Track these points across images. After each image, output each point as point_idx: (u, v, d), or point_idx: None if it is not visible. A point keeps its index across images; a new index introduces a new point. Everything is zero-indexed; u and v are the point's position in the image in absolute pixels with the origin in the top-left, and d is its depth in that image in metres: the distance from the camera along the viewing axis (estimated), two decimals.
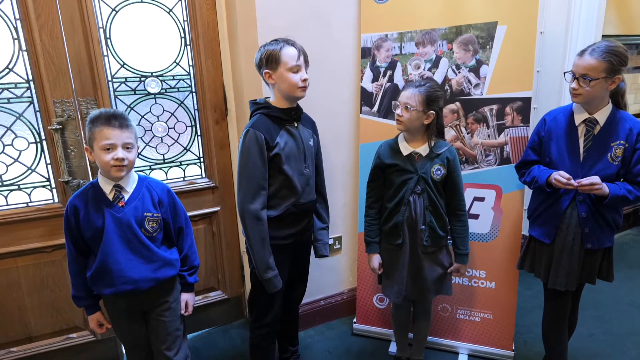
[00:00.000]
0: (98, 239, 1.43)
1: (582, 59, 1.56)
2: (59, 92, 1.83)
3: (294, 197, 1.66)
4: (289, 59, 1.58)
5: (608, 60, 1.51)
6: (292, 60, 1.58)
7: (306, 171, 1.70)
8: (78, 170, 1.91)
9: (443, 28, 2.03)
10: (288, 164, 1.63)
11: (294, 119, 1.68)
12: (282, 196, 1.66)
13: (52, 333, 2.03)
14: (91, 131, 1.40)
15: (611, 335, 2.30)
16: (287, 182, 1.64)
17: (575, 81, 1.58)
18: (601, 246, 1.69)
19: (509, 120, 2.00)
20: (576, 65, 1.58)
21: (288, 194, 1.66)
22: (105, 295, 1.49)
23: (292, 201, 1.67)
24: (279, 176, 1.64)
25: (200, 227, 2.25)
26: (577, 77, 1.57)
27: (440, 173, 1.73)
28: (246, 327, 2.45)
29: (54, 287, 1.98)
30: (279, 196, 1.66)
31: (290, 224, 1.70)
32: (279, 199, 1.66)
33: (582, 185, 1.56)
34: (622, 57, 1.52)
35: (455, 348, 2.20)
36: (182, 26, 2.05)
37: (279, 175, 1.63)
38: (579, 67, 1.57)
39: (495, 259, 2.10)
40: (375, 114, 2.17)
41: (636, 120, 1.63)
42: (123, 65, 1.97)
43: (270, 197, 1.65)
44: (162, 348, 1.57)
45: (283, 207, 1.66)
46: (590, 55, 1.54)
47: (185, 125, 2.17)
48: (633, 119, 1.63)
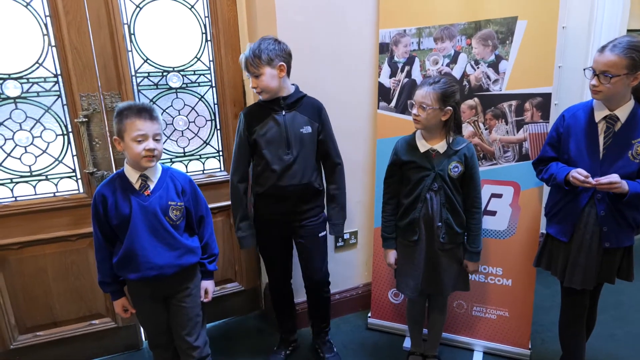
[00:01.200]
0: (125, 226, 1.49)
1: (603, 55, 1.52)
2: (85, 86, 1.90)
3: (273, 179, 1.81)
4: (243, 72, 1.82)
5: (630, 57, 1.47)
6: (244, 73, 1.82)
7: (287, 157, 1.80)
8: (102, 162, 1.98)
9: (462, 23, 2.02)
10: (267, 148, 1.80)
11: (282, 108, 1.80)
12: (266, 176, 1.83)
13: (76, 319, 2.11)
14: (122, 123, 1.45)
15: (632, 336, 2.25)
16: (266, 165, 1.81)
17: (596, 78, 1.54)
18: (620, 245, 1.65)
19: (528, 116, 1.98)
20: (596, 62, 1.54)
21: (269, 175, 1.82)
22: (131, 280, 1.55)
23: (272, 182, 1.82)
24: (261, 158, 1.83)
25: (219, 220, 2.30)
26: (598, 73, 1.53)
27: (458, 170, 1.72)
28: (262, 319, 2.49)
29: (78, 275, 2.05)
30: (263, 176, 1.84)
31: (274, 201, 1.86)
32: (263, 179, 1.84)
33: (601, 184, 1.53)
34: None
35: (471, 345, 2.19)
36: (203, 22, 2.09)
37: (261, 158, 1.82)
38: (599, 63, 1.53)
39: (512, 256, 2.08)
40: (393, 109, 2.18)
41: None
42: (146, 61, 2.02)
43: (258, 175, 1.87)
44: (183, 333, 1.62)
45: (266, 186, 1.84)
46: (611, 51, 1.50)
47: (205, 119, 2.21)
48: None
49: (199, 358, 1.65)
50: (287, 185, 1.81)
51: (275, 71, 1.72)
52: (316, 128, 1.85)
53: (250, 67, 1.71)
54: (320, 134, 1.87)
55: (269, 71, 1.70)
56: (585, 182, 1.55)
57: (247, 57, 1.71)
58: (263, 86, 1.72)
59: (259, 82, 1.72)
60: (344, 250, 2.41)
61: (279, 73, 1.73)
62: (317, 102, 1.88)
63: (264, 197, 1.86)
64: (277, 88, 1.75)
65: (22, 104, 1.85)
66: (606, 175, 1.54)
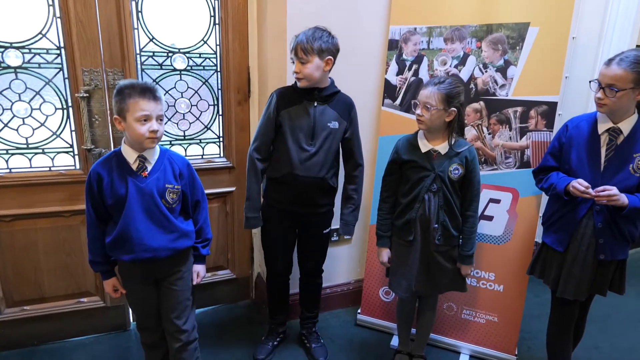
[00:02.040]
0: (120, 207, 1.46)
1: (609, 68, 1.52)
2: (88, 61, 1.87)
3: (290, 167, 1.79)
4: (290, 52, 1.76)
5: (636, 71, 1.47)
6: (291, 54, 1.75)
7: (309, 148, 1.79)
8: (101, 139, 1.95)
9: (473, 25, 2.01)
10: (291, 134, 1.78)
11: (315, 99, 1.78)
12: (283, 161, 1.81)
13: (65, 295, 2.09)
14: (124, 102, 1.41)
15: (617, 349, 2.27)
16: (286, 152, 1.79)
17: (601, 91, 1.54)
18: (614, 258, 1.66)
19: (533, 123, 1.97)
20: (602, 75, 1.54)
21: (286, 162, 1.80)
22: (123, 261, 1.53)
23: (288, 170, 1.80)
24: (283, 144, 1.80)
25: (215, 206, 2.28)
26: (603, 86, 1.53)
27: (458, 173, 1.71)
28: (251, 308, 2.49)
29: (69, 251, 2.03)
30: (281, 161, 1.82)
31: (287, 189, 1.84)
32: (280, 164, 1.82)
33: (600, 196, 1.53)
34: None
35: (458, 347, 2.20)
36: (212, 5, 2.06)
37: (283, 143, 1.80)
38: (605, 76, 1.52)
39: (505, 262, 2.08)
40: (398, 107, 2.16)
41: None
42: (152, 40, 1.99)
43: (275, 160, 1.84)
44: (172, 316, 1.61)
45: (282, 172, 1.82)
46: (618, 65, 1.50)
47: (207, 104, 2.19)
48: None
49: (186, 342, 1.64)
50: (303, 176, 1.80)
51: (322, 63, 1.71)
52: (344, 126, 1.85)
53: (300, 52, 1.69)
54: (347, 132, 1.87)
55: (316, 61, 1.70)
56: (585, 193, 1.55)
57: (300, 42, 1.69)
58: (306, 74, 1.71)
59: (303, 69, 1.70)
60: (338, 245, 2.41)
61: (324, 66, 1.73)
62: (350, 99, 1.88)
63: (277, 183, 1.85)
64: (318, 79, 1.74)
65: (23, 74, 1.82)
66: (605, 186, 1.54)
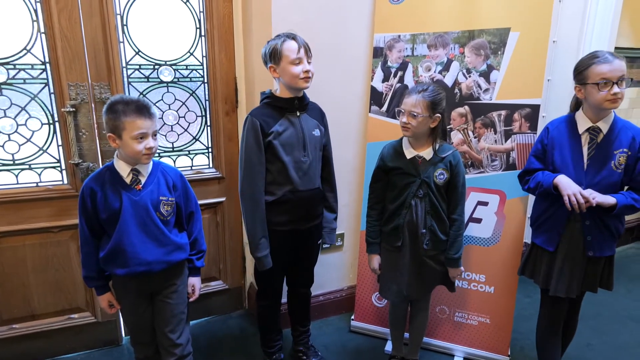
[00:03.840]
0: (114, 221, 1.46)
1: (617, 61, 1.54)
2: (74, 76, 1.86)
3: (290, 184, 1.73)
4: (290, 53, 1.65)
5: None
6: (292, 54, 1.65)
7: (305, 159, 1.75)
8: (88, 154, 1.94)
9: (456, 32, 2.04)
10: (285, 151, 1.70)
11: (296, 108, 1.74)
12: (280, 182, 1.74)
13: (54, 312, 2.06)
14: (118, 120, 1.40)
15: (608, 346, 2.30)
16: (283, 169, 1.72)
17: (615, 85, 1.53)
18: (603, 254, 1.69)
19: (517, 126, 2.01)
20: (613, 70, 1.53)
21: (285, 180, 1.73)
22: (117, 275, 1.52)
23: (288, 188, 1.74)
24: (276, 162, 1.72)
25: (205, 217, 2.28)
26: (616, 82, 1.52)
27: (443, 177, 1.74)
28: (245, 318, 2.48)
29: (59, 267, 2.01)
30: (277, 182, 1.74)
31: (287, 210, 1.77)
32: (277, 185, 1.74)
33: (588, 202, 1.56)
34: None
35: (451, 350, 2.21)
36: (197, 17, 2.07)
37: (277, 161, 1.71)
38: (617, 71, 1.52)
39: (495, 264, 2.11)
40: (384, 113, 2.19)
41: (638, 128, 1.64)
42: (138, 53, 2.00)
43: (269, 183, 1.75)
44: (166, 330, 1.60)
45: (280, 193, 1.74)
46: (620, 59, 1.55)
47: (195, 115, 2.20)
48: (635, 128, 1.65)
49: (180, 355, 1.63)
50: (304, 190, 1.76)
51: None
52: (323, 132, 1.84)
53: (308, 52, 1.70)
54: (324, 138, 1.87)
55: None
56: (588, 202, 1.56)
57: (303, 42, 1.69)
58: (312, 73, 1.71)
59: (311, 69, 1.69)
60: (329, 252, 2.41)
61: None
62: (319, 106, 1.88)
63: (276, 205, 1.75)
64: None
65: (8, 90, 1.81)
66: (590, 192, 1.57)
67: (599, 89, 1.55)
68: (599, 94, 1.56)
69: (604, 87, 1.54)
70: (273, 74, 1.70)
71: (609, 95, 1.54)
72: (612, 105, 1.56)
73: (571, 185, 1.60)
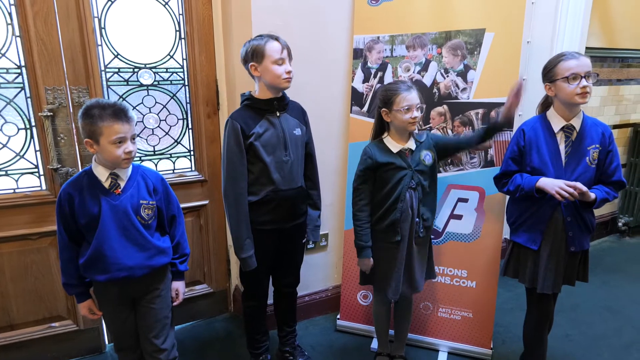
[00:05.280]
0: (93, 226, 1.44)
1: (583, 59, 1.61)
2: (51, 80, 1.84)
3: (272, 184, 1.75)
4: (273, 52, 1.67)
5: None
6: (276, 54, 1.67)
7: (286, 159, 1.76)
8: (67, 158, 1.92)
9: (433, 33, 2.09)
10: (266, 151, 1.72)
11: (275, 109, 1.75)
12: (262, 182, 1.75)
13: (34, 321, 2.02)
14: (95, 125, 1.37)
15: (586, 337, 2.37)
16: (265, 170, 1.74)
17: (583, 79, 1.59)
18: (582, 248, 1.75)
19: None
20: (580, 66, 1.60)
21: (267, 181, 1.75)
22: (98, 281, 1.50)
23: (271, 188, 1.76)
24: (258, 163, 1.74)
25: (188, 220, 2.26)
26: (584, 76, 1.59)
27: (430, 157, 1.79)
28: (230, 321, 2.47)
29: (38, 275, 1.97)
30: (259, 182, 1.76)
31: (271, 209, 1.78)
32: (259, 185, 1.76)
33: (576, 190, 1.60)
34: None
35: (436, 345, 2.24)
36: (177, 19, 2.07)
37: (258, 162, 1.73)
38: (584, 66, 1.59)
39: (476, 259, 2.15)
40: (365, 113, 2.22)
41: (605, 124, 1.72)
42: (117, 56, 1.98)
43: (251, 183, 1.76)
44: (150, 336, 1.58)
45: (263, 193, 1.76)
46: (584, 56, 1.62)
47: (176, 118, 2.18)
48: (602, 124, 1.72)
49: None
50: (287, 189, 1.78)
51: None
52: (304, 130, 1.86)
53: (289, 53, 1.72)
54: (306, 136, 1.88)
55: None
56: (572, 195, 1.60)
57: (285, 43, 1.71)
58: (293, 74, 1.73)
59: (292, 70, 1.72)
60: (314, 253, 2.43)
61: None
62: (300, 105, 1.90)
63: (258, 205, 1.77)
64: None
65: None
66: (575, 183, 1.61)
67: (569, 82, 1.61)
68: (569, 87, 1.61)
69: (573, 81, 1.60)
70: (254, 72, 1.71)
71: (578, 88, 1.60)
72: (582, 99, 1.62)
73: (555, 182, 1.64)
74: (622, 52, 3.36)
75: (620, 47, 3.34)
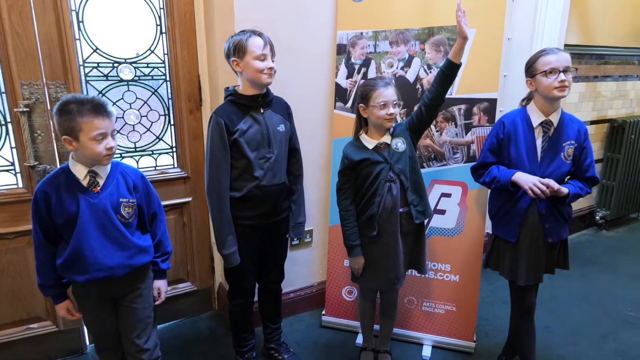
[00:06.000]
0: (71, 226, 1.40)
1: (561, 54, 1.65)
2: (27, 74, 1.78)
3: (256, 180, 1.75)
4: (256, 48, 1.66)
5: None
6: (258, 50, 1.66)
7: (269, 155, 1.76)
8: (45, 155, 1.87)
9: (416, 29, 2.10)
10: (250, 148, 1.72)
11: (259, 105, 1.75)
12: (245, 178, 1.75)
13: (12, 323, 1.97)
14: (74, 121, 1.33)
15: (565, 327, 2.43)
16: (249, 166, 1.74)
17: (562, 74, 1.63)
18: (559, 239, 1.79)
19: (476, 119, 2.09)
20: (558, 60, 1.63)
21: (250, 177, 1.75)
22: (77, 282, 1.46)
23: (254, 184, 1.75)
24: (242, 159, 1.73)
25: (171, 218, 2.23)
26: (562, 70, 1.63)
27: (402, 143, 1.78)
28: (215, 319, 2.45)
29: (15, 275, 1.92)
30: (242, 178, 1.75)
31: (253, 205, 1.78)
32: (242, 181, 1.76)
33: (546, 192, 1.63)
34: None
35: (420, 339, 2.27)
36: (157, 13, 2.03)
37: (242, 158, 1.73)
38: (562, 61, 1.63)
39: (459, 253, 2.18)
40: (349, 109, 2.22)
41: (581, 121, 1.76)
42: (96, 50, 1.93)
43: (234, 179, 1.76)
44: (132, 336, 1.55)
45: (246, 189, 1.76)
46: (563, 51, 1.66)
47: (158, 114, 2.15)
48: (578, 121, 1.76)
49: None
50: (269, 185, 1.78)
51: None
52: (288, 126, 1.85)
53: (272, 50, 1.72)
54: (290, 132, 1.87)
55: None
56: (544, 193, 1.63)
57: (268, 39, 1.70)
58: (275, 70, 1.72)
59: (274, 66, 1.71)
60: (299, 249, 2.42)
61: None
62: (284, 100, 1.89)
63: (241, 201, 1.76)
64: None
65: None
66: (548, 181, 1.64)
67: (547, 76, 1.65)
68: (547, 81, 1.65)
69: (551, 75, 1.64)
70: (236, 67, 1.70)
71: (556, 82, 1.63)
72: (561, 93, 1.65)
73: (529, 177, 1.67)
74: (600, 50, 3.44)
75: (598, 44, 3.41)
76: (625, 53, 3.63)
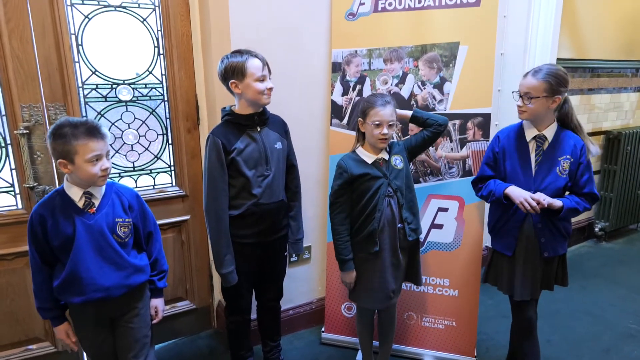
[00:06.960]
0: (67, 248, 1.40)
1: (526, 79, 1.71)
2: (27, 97, 1.82)
3: (254, 198, 1.76)
4: (255, 70, 1.69)
5: (548, 82, 1.66)
6: (257, 71, 1.69)
7: (267, 173, 1.78)
8: (44, 176, 1.89)
9: (409, 46, 2.14)
10: (247, 166, 1.73)
11: (256, 124, 1.76)
12: (243, 197, 1.76)
13: (11, 344, 1.96)
14: (69, 144, 1.35)
15: (567, 341, 2.41)
16: (247, 184, 1.74)
17: (520, 99, 1.72)
18: (556, 254, 1.79)
19: (471, 134, 2.11)
20: (521, 85, 1.73)
21: (248, 195, 1.76)
22: (74, 304, 1.46)
23: (252, 201, 1.76)
24: (239, 178, 1.74)
25: (170, 236, 2.24)
26: (522, 95, 1.71)
27: (400, 161, 1.82)
28: (214, 338, 2.44)
29: (14, 296, 1.92)
30: (240, 197, 1.76)
31: (252, 223, 1.79)
32: (240, 199, 1.76)
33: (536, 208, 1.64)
34: (560, 79, 1.66)
35: (420, 355, 2.25)
36: (155, 35, 2.07)
37: (240, 177, 1.74)
38: (522, 86, 1.72)
39: (458, 267, 2.18)
40: (345, 126, 2.24)
41: (578, 137, 1.77)
42: (94, 72, 1.97)
43: (233, 198, 1.76)
44: (129, 356, 1.55)
45: (244, 207, 1.76)
46: (533, 76, 1.69)
47: (156, 134, 2.17)
48: (575, 136, 1.77)
49: None
50: (268, 203, 1.79)
51: None
52: (285, 144, 1.87)
53: (269, 69, 1.74)
54: (287, 149, 1.89)
55: None
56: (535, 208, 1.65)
57: (265, 59, 1.73)
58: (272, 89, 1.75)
59: (272, 86, 1.74)
60: (297, 266, 2.42)
61: None
62: (280, 118, 1.91)
63: (239, 219, 1.77)
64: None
65: None
66: (538, 195, 1.66)
67: (517, 99, 1.75)
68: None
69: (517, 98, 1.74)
70: (235, 90, 1.72)
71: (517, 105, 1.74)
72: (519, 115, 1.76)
73: (522, 193, 1.69)
74: (592, 63, 3.49)
75: (590, 57, 3.46)
76: (617, 66, 3.68)
